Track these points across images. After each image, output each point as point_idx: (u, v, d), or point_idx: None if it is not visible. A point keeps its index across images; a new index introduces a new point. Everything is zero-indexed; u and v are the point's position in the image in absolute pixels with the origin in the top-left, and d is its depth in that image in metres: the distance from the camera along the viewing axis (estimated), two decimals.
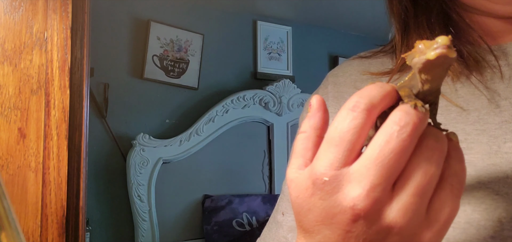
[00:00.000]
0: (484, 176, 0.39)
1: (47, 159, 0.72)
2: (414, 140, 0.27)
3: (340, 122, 0.28)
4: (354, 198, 0.27)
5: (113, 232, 2.18)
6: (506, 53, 0.46)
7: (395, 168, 0.27)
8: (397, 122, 0.27)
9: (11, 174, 0.70)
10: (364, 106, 0.28)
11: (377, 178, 0.27)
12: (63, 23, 0.75)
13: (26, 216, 0.69)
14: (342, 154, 0.28)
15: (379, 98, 0.28)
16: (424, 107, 0.27)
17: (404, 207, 0.27)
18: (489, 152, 0.40)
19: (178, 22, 2.39)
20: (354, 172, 0.27)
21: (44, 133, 0.72)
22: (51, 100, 0.73)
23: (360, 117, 0.28)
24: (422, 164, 0.27)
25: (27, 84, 0.72)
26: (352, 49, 3.16)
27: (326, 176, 0.28)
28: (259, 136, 2.58)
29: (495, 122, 0.41)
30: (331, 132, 0.28)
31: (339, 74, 0.56)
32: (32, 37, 0.73)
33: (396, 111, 0.27)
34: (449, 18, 0.49)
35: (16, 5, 0.72)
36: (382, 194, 0.27)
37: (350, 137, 0.27)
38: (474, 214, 0.38)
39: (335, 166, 0.28)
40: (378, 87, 0.28)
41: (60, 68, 0.74)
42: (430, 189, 0.28)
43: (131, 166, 2.15)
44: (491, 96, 0.43)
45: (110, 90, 2.20)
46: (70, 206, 0.74)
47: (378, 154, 0.27)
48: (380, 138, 0.27)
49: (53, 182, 0.72)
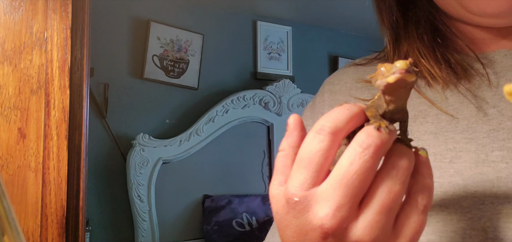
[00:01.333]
0: (471, 185, 0.40)
1: (47, 159, 0.72)
2: (377, 160, 0.28)
3: (308, 144, 0.30)
4: (322, 217, 0.29)
5: (113, 232, 2.18)
6: (493, 61, 0.46)
7: (359, 188, 0.28)
8: (359, 144, 0.28)
9: (11, 174, 0.69)
10: (329, 129, 0.29)
11: (343, 198, 0.28)
12: (63, 23, 0.75)
13: (26, 216, 0.69)
14: (310, 175, 0.29)
15: (344, 121, 0.30)
16: (388, 128, 0.29)
17: (369, 224, 0.29)
18: (477, 160, 0.41)
19: (178, 22, 2.39)
20: (322, 192, 0.29)
21: (44, 133, 0.72)
22: (51, 100, 0.73)
23: (326, 140, 0.29)
24: (387, 182, 0.29)
25: (27, 84, 0.72)
26: (352, 50, 3.14)
27: (297, 196, 0.29)
28: (259, 136, 2.58)
29: (483, 130, 0.42)
30: (300, 153, 0.30)
31: (335, 82, 0.57)
32: (32, 37, 0.73)
33: (360, 133, 0.29)
34: (436, 28, 0.50)
35: (16, 5, 0.72)
36: (348, 213, 0.28)
37: (318, 159, 0.29)
38: (460, 223, 0.39)
39: (304, 187, 0.29)
40: (345, 110, 0.30)
41: (60, 68, 0.74)
42: (395, 206, 0.29)
43: (131, 166, 2.15)
44: (479, 105, 0.44)
45: (110, 90, 2.19)
46: (70, 206, 0.74)
47: (343, 175, 0.28)
48: (345, 159, 0.28)
49: (53, 182, 0.72)
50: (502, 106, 0.43)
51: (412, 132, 0.46)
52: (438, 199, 0.41)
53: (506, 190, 0.39)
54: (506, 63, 0.46)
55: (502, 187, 0.39)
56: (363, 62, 0.57)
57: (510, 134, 0.41)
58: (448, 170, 0.42)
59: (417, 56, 0.48)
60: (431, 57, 0.47)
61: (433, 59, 0.47)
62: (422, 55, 0.48)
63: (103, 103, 2.18)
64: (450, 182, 0.41)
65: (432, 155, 0.43)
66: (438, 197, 0.41)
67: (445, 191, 0.41)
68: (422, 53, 0.48)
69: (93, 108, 2.14)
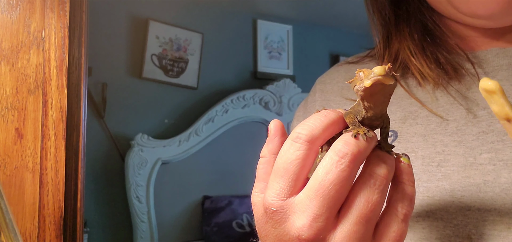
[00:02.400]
0: (458, 190, 0.40)
1: (45, 160, 0.71)
2: (354, 169, 0.28)
3: (284, 153, 0.29)
4: (299, 228, 0.28)
5: (111, 233, 2.17)
6: (484, 60, 0.46)
7: (336, 198, 0.28)
8: (336, 152, 0.28)
9: (8, 175, 0.69)
10: (305, 137, 0.29)
11: (319, 209, 0.28)
12: (61, 22, 0.74)
13: (24, 217, 0.69)
14: (287, 185, 0.29)
15: (321, 129, 0.29)
16: (366, 135, 0.28)
17: (347, 235, 0.28)
18: (465, 164, 0.40)
19: (177, 21, 2.39)
20: (298, 202, 0.29)
21: (42, 133, 0.71)
22: (49, 100, 0.72)
23: (303, 148, 0.29)
24: (365, 191, 0.28)
25: (24, 84, 0.71)
26: (353, 48, 3.14)
27: (274, 206, 0.29)
28: (259, 136, 2.57)
29: (473, 133, 0.42)
30: (277, 162, 0.30)
31: (327, 82, 0.56)
32: (30, 36, 0.72)
33: (337, 141, 0.29)
34: (426, 26, 0.50)
35: (13, 4, 0.71)
36: (325, 223, 0.28)
37: (294, 168, 0.29)
38: (445, 230, 0.39)
39: (281, 196, 0.29)
40: (322, 117, 0.30)
41: (58, 67, 0.73)
42: (373, 216, 0.29)
43: (129, 167, 2.14)
44: (469, 106, 0.43)
45: (108, 90, 2.18)
46: (68, 207, 0.73)
47: (319, 186, 0.28)
48: (321, 169, 0.28)
49: (51, 182, 0.71)
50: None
51: (402, 134, 0.45)
52: (425, 204, 0.41)
53: (493, 195, 0.38)
54: (498, 63, 0.45)
55: (489, 192, 0.38)
56: (355, 60, 0.57)
57: (499, 136, 0.40)
58: (436, 174, 0.41)
59: (408, 55, 0.48)
60: (421, 56, 0.47)
61: (423, 58, 0.47)
62: (413, 54, 0.48)
63: (101, 103, 2.17)
64: (437, 186, 0.41)
65: (420, 158, 0.43)
66: (424, 202, 0.41)
67: (432, 196, 0.40)
68: (412, 52, 0.48)
69: (91, 108, 2.13)
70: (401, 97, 0.48)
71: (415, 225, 0.40)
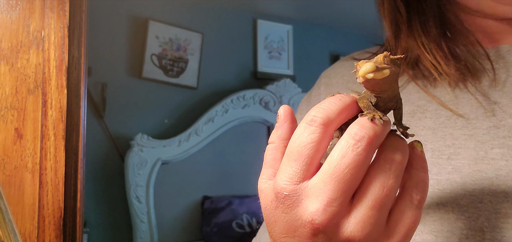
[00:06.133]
0: (469, 183, 0.39)
1: (44, 160, 0.71)
2: (370, 153, 0.27)
3: (298, 136, 0.29)
4: (312, 213, 0.27)
5: (111, 233, 2.17)
6: (503, 56, 0.45)
7: (351, 182, 0.27)
8: (352, 136, 0.27)
9: (8, 175, 0.69)
10: (321, 120, 0.28)
11: (334, 193, 0.27)
12: (61, 21, 0.74)
13: (23, 218, 0.69)
14: (300, 168, 0.28)
15: (336, 112, 0.29)
16: (382, 119, 0.28)
17: (362, 220, 0.28)
18: (476, 157, 0.40)
19: (177, 21, 2.38)
20: (312, 186, 0.28)
21: (41, 133, 0.71)
22: (48, 100, 0.72)
23: (317, 132, 0.28)
24: (380, 176, 0.28)
25: (24, 84, 0.71)
26: (354, 48, 3.13)
27: (286, 190, 0.28)
28: (259, 136, 2.57)
29: (484, 127, 0.41)
30: (290, 146, 0.29)
31: (332, 75, 0.56)
32: (29, 36, 0.72)
33: (353, 125, 0.28)
34: (446, 19, 0.49)
35: (13, 4, 0.71)
36: (340, 208, 0.27)
37: (308, 151, 0.28)
38: (457, 222, 0.38)
39: (294, 181, 0.28)
40: (337, 100, 0.29)
41: (57, 67, 0.73)
42: (388, 201, 0.28)
43: (129, 167, 2.14)
44: (482, 100, 0.43)
45: (108, 90, 2.18)
46: (68, 207, 0.73)
47: (334, 169, 0.27)
48: (336, 152, 0.27)
49: (50, 183, 0.71)
50: (504, 103, 0.42)
51: (410, 127, 0.45)
52: (435, 196, 0.40)
53: (505, 188, 0.38)
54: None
55: (501, 185, 0.38)
56: (361, 56, 0.56)
57: (510, 131, 0.40)
58: (446, 167, 0.41)
59: (422, 51, 0.47)
60: (437, 52, 0.46)
61: (439, 55, 0.46)
62: (427, 50, 0.47)
63: (101, 103, 2.17)
64: (448, 179, 0.40)
65: (430, 151, 0.42)
66: (435, 195, 0.40)
67: (443, 188, 0.40)
68: (427, 48, 0.47)
69: (91, 108, 2.13)
70: (410, 92, 0.47)
71: (426, 217, 0.39)
